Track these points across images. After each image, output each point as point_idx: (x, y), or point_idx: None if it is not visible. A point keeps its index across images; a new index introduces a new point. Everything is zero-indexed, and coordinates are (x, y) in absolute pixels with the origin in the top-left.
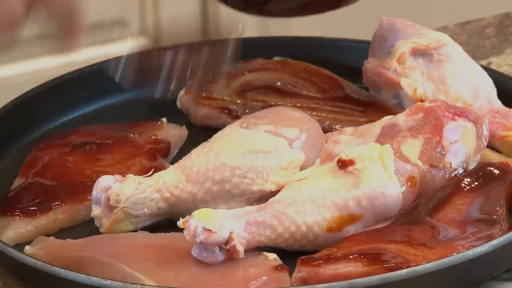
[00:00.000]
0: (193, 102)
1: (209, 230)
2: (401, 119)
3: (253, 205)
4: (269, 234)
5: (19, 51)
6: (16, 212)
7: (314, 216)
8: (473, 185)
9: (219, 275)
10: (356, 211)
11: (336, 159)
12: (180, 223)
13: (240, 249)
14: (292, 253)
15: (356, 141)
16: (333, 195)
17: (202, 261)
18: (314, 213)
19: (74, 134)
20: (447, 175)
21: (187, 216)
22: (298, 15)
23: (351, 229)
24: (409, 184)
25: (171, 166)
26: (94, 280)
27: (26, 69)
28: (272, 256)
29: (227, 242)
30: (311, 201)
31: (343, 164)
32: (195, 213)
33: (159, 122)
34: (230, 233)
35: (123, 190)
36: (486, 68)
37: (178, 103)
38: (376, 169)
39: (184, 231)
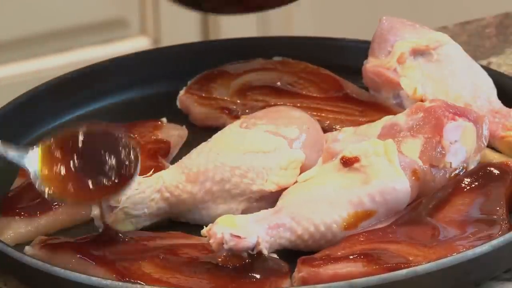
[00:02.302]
0: (193, 102)
1: (238, 236)
2: (401, 119)
3: (254, 205)
4: (289, 236)
5: (19, 51)
6: (16, 212)
7: (331, 215)
8: (473, 185)
9: (218, 276)
10: (370, 207)
11: (339, 157)
12: (204, 232)
13: (266, 253)
14: (292, 253)
15: (355, 138)
16: (347, 193)
17: (200, 262)
18: (330, 212)
19: None
20: (447, 175)
21: (210, 225)
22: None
23: (365, 225)
24: (413, 178)
25: (171, 166)
26: (94, 280)
27: (26, 69)
28: (272, 256)
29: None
30: (325, 200)
31: (348, 162)
32: (218, 220)
33: (159, 122)
34: (257, 238)
35: None
36: (486, 68)
37: (178, 103)
38: (383, 164)
39: (208, 239)
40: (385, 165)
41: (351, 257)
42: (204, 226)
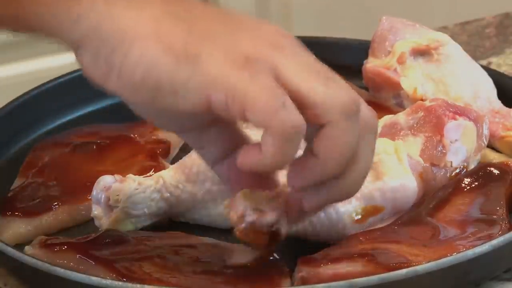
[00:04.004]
0: None
1: (259, 211)
2: (401, 118)
3: None
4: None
5: (19, 51)
6: (16, 212)
7: (344, 205)
8: (473, 185)
9: (218, 276)
10: (380, 202)
11: None
12: (226, 203)
13: (284, 233)
14: (292, 253)
15: None
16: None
17: (200, 262)
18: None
19: (74, 134)
20: (448, 174)
21: (231, 198)
22: None
23: (371, 221)
24: (420, 179)
25: (171, 166)
26: (94, 280)
27: (26, 69)
28: (272, 255)
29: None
30: None
31: None
32: (241, 193)
33: None
34: (277, 215)
35: (123, 190)
36: (486, 68)
37: None
38: (393, 163)
39: (228, 211)
40: (396, 164)
41: (351, 257)
42: (225, 201)
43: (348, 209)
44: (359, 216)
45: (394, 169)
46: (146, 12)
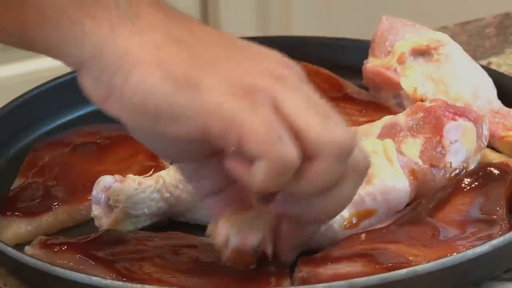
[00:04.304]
0: None
1: (243, 235)
2: (401, 118)
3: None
4: None
5: (19, 51)
6: (16, 212)
7: None
8: (473, 185)
9: (218, 276)
10: (371, 206)
11: None
12: (208, 231)
13: (270, 252)
14: None
15: None
16: None
17: (200, 262)
18: None
19: (74, 134)
20: (447, 175)
21: (213, 224)
22: None
23: (365, 225)
24: (411, 177)
25: (171, 166)
26: (94, 280)
27: (26, 69)
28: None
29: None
30: None
31: None
32: (222, 219)
33: None
34: (261, 236)
35: (123, 190)
36: (486, 68)
37: None
38: (382, 163)
39: (212, 238)
40: (385, 164)
41: (351, 257)
42: (208, 226)
43: (336, 218)
44: (350, 223)
45: (384, 170)
46: (149, 37)
